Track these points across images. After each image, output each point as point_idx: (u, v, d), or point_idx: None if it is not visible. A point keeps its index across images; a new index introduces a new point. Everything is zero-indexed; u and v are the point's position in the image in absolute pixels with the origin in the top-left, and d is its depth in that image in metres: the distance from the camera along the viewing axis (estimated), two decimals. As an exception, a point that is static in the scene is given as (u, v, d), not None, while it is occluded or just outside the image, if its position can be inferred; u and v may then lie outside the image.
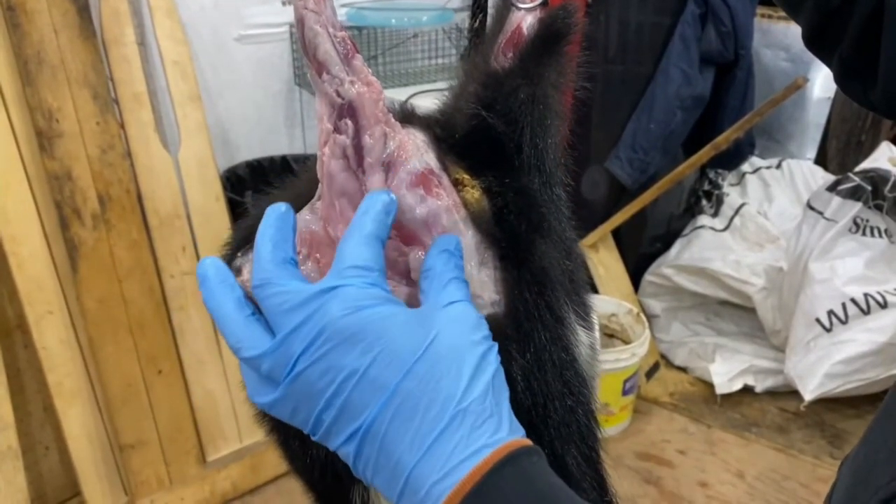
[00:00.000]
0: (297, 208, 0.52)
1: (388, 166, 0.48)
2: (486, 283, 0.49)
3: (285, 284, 0.45)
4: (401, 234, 0.49)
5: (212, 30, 2.22)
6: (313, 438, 0.45)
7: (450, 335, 0.44)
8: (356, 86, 0.47)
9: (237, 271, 0.54)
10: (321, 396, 0.43)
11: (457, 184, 0.50)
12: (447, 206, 0.49)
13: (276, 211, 0.48)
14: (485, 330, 0.45)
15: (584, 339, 0.54)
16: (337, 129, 0.48)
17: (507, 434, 0.43)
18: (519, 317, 0.48)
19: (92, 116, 1.81)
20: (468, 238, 0.49)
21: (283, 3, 2.32)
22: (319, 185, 0.50)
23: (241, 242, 0.55)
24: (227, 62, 2.29)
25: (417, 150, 0.49)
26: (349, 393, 0.43)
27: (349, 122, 0.47)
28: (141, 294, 1.92)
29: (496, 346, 0.45)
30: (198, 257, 2.03)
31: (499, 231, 0.50)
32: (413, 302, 0.48)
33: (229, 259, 0.55)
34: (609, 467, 0.56)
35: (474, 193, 0.50)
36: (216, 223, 2.06)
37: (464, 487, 0.41)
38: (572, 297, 0.53)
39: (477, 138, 0.51)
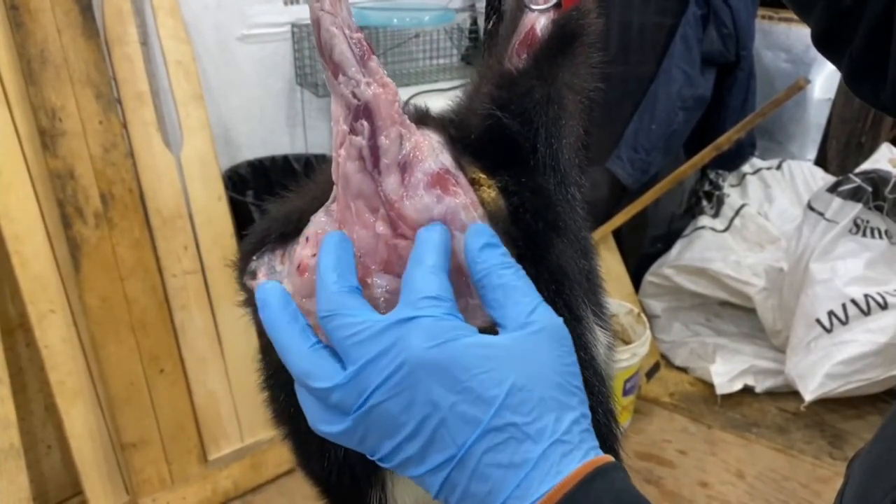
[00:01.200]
0: (313, 211, 0.52)
1: (404, 167, 0.48)
2: None
3: (355, 315, 0.44)
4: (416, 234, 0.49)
5: (214, 29, 2.22)
6: (383, 465, 0.45)
7: (537, 360, 0.43)
8: (372, 87, 0.46)
9: (252, 275, 0.55)
10: (402, 429, 0.43)
11: (473, 183, 0.50)
12: (465, 205, 0.48)
13: (333, 239, 0.47)
14: (567, 342, 0.45)
15: (601, 339, 0.54)
16: (353, 131, 0.48)
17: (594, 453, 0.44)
18: None
19: (95, 115, 1.81)
20: None
21: (286, 3, 2.33)
22: (335, 188, 0.50)
23: (257, 245, 0.55)
24: (229, 61, 2.29)
25: (433, 151, 0.49)
26: (437, 426, 0.42)
27: (365, 124, 0.47)
28: (143, 293, 1.92)
29: (576, 359, 0.45)
30: (200, 257, 2.03)
31: (515, 230, 0.50)
32: None
33: (245, 262, 0.55)
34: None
35: (490, 192, 0.50)
36: (218, 222, 2.06)
37: (554, 497, 0.41)
38: (589, 297, 0.53)
39: (492, 138, 0.52)
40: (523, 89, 0.52)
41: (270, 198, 0.60)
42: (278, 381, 0.55)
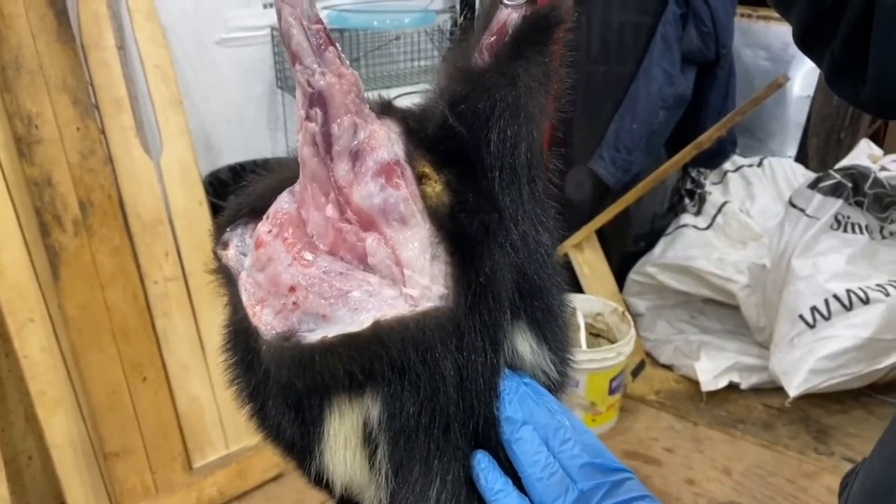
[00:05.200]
0: (282, 190, 0.54)
1: (357, 155, 0.49)
2: (436, 276, 0.50)
3: None
4: (360, 219, 0.50)
5: (193, 33, 2.21)
6: None
7: None
8: (326, 76, 0.47)
9: (224, 245, 0.57)
10: None
11: (421, 177, 0.51)
12: (405, 197, 0.50)
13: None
14: None
15: (522, 351, 0.53)
16: (308, 117, 0.49)
17: None
18: (458, 314, 0.49)
19: (72, 122, 1.80)
20: (424, 230, 0.50)
21: (265, 6, 2.32)
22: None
23: (231, 218, 0.57)
24: (208, 65, 2.28)
25: (388, 141, 0.50)
26: None
27: (318, 111, 0.48)
28: (124, 300, 1.90)
29: None
30: (181, 262, 2.02)
31: (452, 226, 0.50)
32: (366, 288, 0.49)
33: (220, 233, 0.56)
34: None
35: (436, 187, 0.51)
36: (199, 228, 2.05)
37: None
38: (525, 307, 0.53)
39: (445, 134, 0.51)
40: (483, 87, 0.51)
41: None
42: (236, 343, 0.56)
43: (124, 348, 1.91)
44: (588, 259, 2.63)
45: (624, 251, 2.85)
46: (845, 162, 2.60)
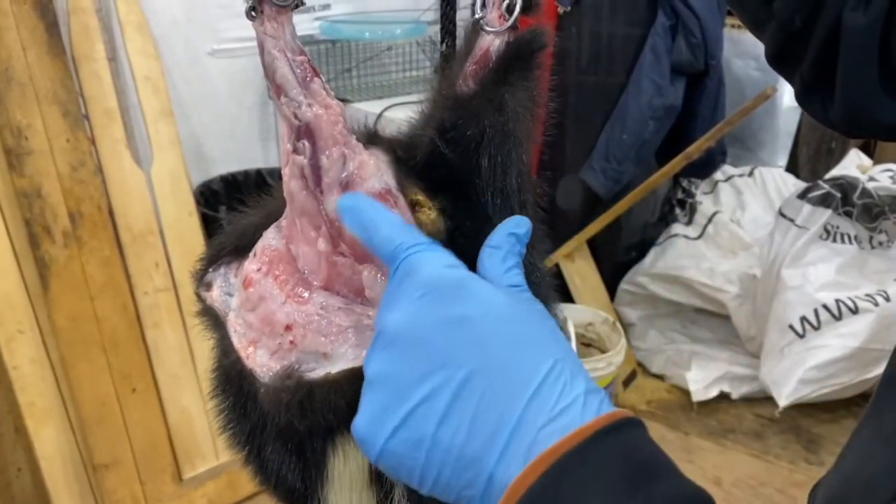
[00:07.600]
0: (267, 226, 0.53)
1: (347, 186, 0.49)
2: None
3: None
4: (354, 252, 0.49)
5: (184, 44, 2.21)
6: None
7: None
8: (313, 108, 0.47)
9: (207, 286, 0.55)
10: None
11: (414, 204, 0.51)
12: None
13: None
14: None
15: None
16: (295, 150, 0.48)
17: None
18: None
19: (62, 133, 1.79)
20: None
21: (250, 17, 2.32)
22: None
23: (213, 258, 0.55)
24: (200, 76, 2.28)
25: (378, 171, 0.50)
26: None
27: (306, 143, 0.48)
28: (114, 311, 1.90)
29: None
30: (171, 274, 2.01)
31: (452, 252, 0.50)
32: (367, 322, 0.48)
33: (201, 274, 0.55)
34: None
35: (430, 214, 0.51)
36: (190, 239, 2.05)
37: (560, 449, 0.39)
38: None
39: (435, 161, 0.52)
40: (470, 114, 0.51)
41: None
42: (227, 387, 0.55)
43: (114, 359, 1.91)
44: (579, 269, 2.64)
45: (615, 261, 2.86)
46: (834, 172, 2.62)
